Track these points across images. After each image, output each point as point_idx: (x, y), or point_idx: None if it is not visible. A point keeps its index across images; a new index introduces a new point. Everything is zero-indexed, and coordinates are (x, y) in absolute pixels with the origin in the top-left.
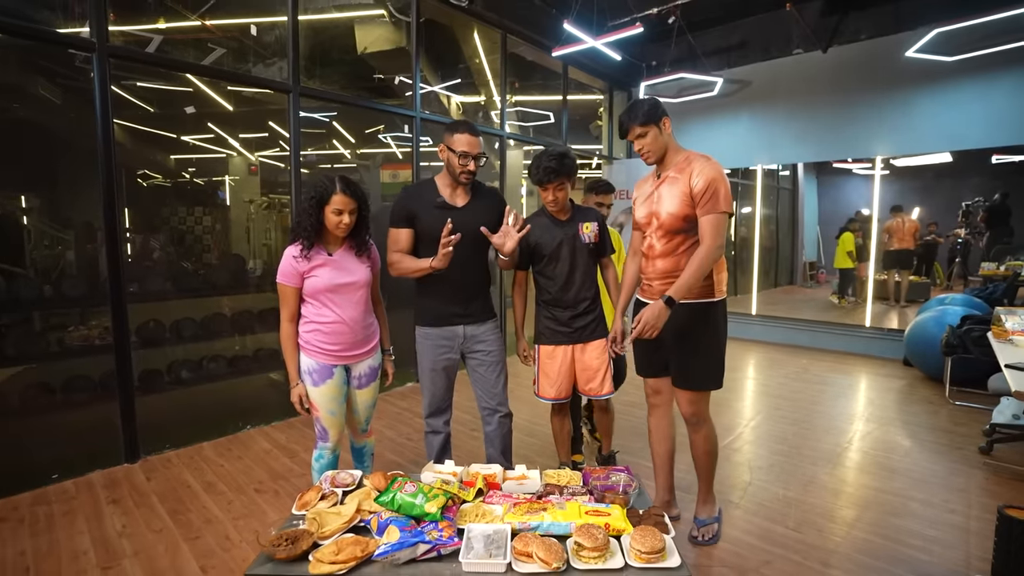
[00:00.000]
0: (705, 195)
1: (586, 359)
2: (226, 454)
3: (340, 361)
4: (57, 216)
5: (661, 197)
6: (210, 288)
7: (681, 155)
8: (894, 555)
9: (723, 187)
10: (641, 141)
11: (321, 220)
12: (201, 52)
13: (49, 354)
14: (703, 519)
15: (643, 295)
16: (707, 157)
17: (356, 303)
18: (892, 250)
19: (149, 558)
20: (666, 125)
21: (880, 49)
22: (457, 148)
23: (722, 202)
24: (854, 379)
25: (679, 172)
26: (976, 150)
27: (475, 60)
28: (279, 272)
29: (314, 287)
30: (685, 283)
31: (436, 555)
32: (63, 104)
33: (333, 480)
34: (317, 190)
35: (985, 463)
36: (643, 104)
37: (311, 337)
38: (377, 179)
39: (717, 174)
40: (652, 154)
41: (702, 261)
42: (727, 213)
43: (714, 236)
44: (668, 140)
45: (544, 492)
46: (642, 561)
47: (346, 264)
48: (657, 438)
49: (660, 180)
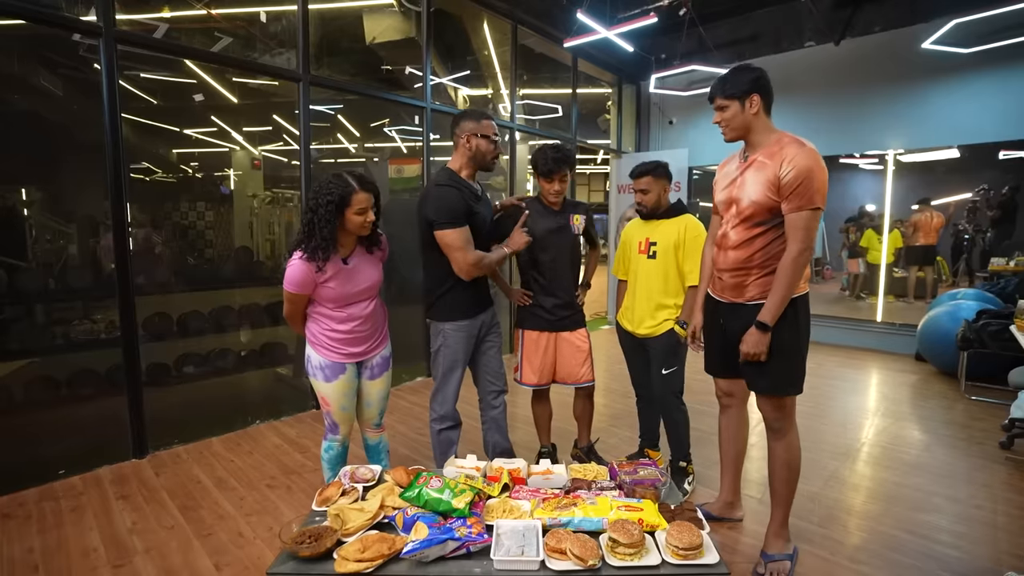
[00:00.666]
0: (795, 187)
1: (569, 347)
2: (235, 449)
3: (353, 359)
4: (61, 210)
5: (745, 183)
6: (217, 281)
7: (773, 137)
8: (923, 551)
9: (818, 179)
10: (720, 114)
11: (338, 226)
12: (209, 41)
13: (55, 348)
14: (773, 554)
15: (712, 289)
16: (802, 142)
17: (369, 303)
18: (918, 245)
19: (161, 555)
20: (753, 103)
21: (895, 41)
22: (490, 133)
23: (816, 196)
24: (866, 374)
25: (768, 157)
26: (983, 145)
27: (484, 52)
28: (288, 279)
29: (328, 296)
30: (778, 300)
31: (465, 552)
32: (66, 95)
33: (353, 475)
34: (334, 194)
35: (1007, 458)
36: (732, 74)
37: (324, 336)
38: (385, 173)
39: (813, 163)
40: (729, 131)
41: (792, 270)
42: (819, 209)
43: (804, 237)
44: (754, 120)
45: (572, 487)
46: (679, 558)
47: (360, 270)
48: (726, 437)
49: (747, 163)
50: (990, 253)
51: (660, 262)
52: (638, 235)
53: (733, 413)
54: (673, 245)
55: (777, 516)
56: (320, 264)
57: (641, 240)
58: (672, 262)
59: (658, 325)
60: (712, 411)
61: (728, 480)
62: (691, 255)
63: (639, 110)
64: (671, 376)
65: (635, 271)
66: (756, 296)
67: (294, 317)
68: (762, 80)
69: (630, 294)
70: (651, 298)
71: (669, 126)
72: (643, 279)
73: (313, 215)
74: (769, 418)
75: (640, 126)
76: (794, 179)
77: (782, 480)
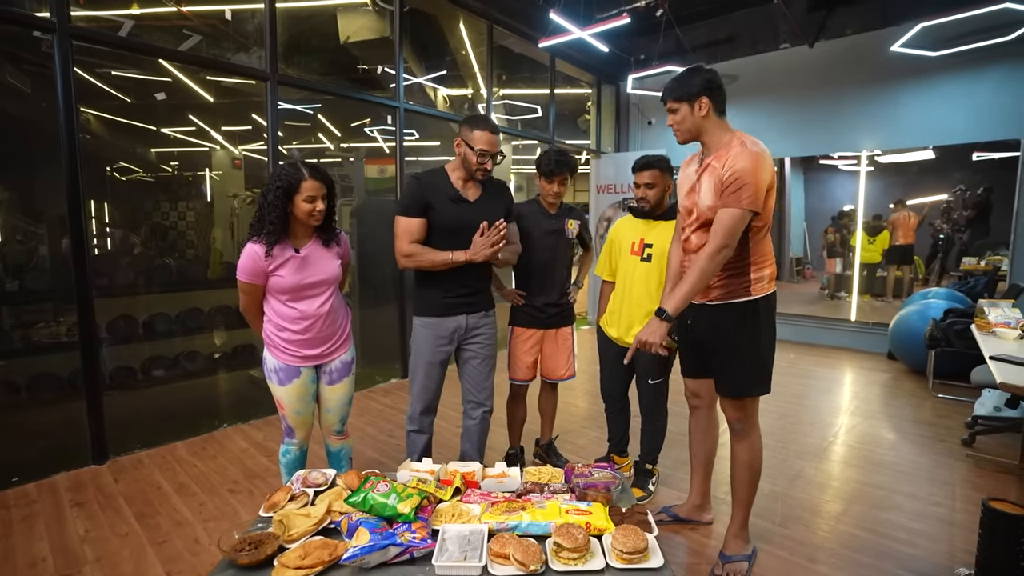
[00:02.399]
0: (729, 185)
1: (555, 344)
2: (200, 453)
3: (308, 363)
4: (30, 209)
5: (701, 188)
6: (187, 283)
7: (725, 139)
8: (879, 549)
9: (753, 180)
10: (672, 117)
11: (288, 212)
12: (176, 39)
13: (14, 351)
14: (731, 555)
15: None
16: (747, 143)
17: (325, 301)
18: (896, 245)
19: (112, 564)
20: (702, 105)
21: (866, 44)
22: (476, 145)
23: (745, 198)
24: (840, 373)
25: (717, 160)
26: (958, 147)
27: (461, 52)
28: (240, 268)
29: (280, 287)
30: (685, 292)
31: (409, 558)
32: (33, 92)
33: (305, 479)
34: (283, 179)
35: (968, 455)
36: (683, 76)
37: (277, 337)
38: (361, 172)
39: (750, 164)
40: (681, 133)
41: (706, 264)
42: (750, 211)
43: (723, 234)
44: (703, 122)
45: (524, 490)
46: (623, 562)
47: (315, 261)
48: (696, 439)
49: (703, 167)
50: (965, 253)
51: (655, 266)
52: (631, 235)
53: (702, 415)
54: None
55: (737, 517)
56: (268, 249)
57: (635, 240)
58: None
59: None
60: (683, 411)
61: (697, 482)
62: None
63: (618, 110)
64: (658, 386)
65: (626, 273)
66: (718, 297)
67: (249, 310)
68: (712, 82)
69: (618, 298)
70: (643, 304)
71: (648, 127)
72: (635, 283)
73: (264, 200)
74: (731, 419)
75: (619, 126)
76: (728, 178)
77: (743, 482)
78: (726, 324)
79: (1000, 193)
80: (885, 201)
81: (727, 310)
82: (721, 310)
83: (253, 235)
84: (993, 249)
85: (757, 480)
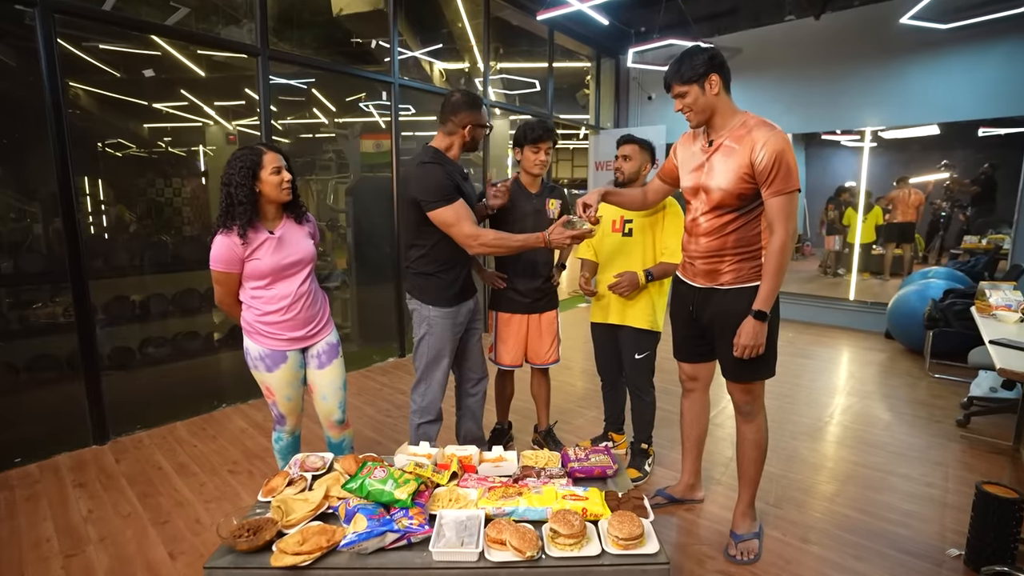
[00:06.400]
0: (773, 172)
1: (539, 330)
2: (200, 434)
3: (294, 345)
4: (24, 187)
5: (713, 169)
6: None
7: (737, 119)
8: (872, 529)
9: (792, 159)
10: (681, 101)
11: (256, 192)
12: (164, 13)
13: (12, 332)
14: (742, 534)
15: (684, 274)
16: (770, 125)
17: (304, 279)
18: (895, 223)
19: (115, 544)
20: (712, 83)
21: (874, 16)
22: (483, 122)
23: (794, 179)
24: (837, 352)
25: (736, 141)
26: (963, 123)
27: (458, 24)
28: (214, 258)
29: (259, 271)
30: (770, 287)
31: (406, 543)
32: (19, 67)
33: (303, 464)
34: (244, 160)
35: (962, 436)
36: (685, 58)
37: (259, 324)
38: (356, 149)
39: (785, 145)
40: (695, 116)
41: (780, 257)
42: (797, 190)
43: (787, 221)
44: (716, 101)
45: (521, 475)
46: (619, 547)
47: (290, 240)
48: (688, 421)
49: (713, 148)
50: (967, 231)
51: (636, 240)
52: (611, 212)
53: (696, 397)
54: (650, 222)
55: (745, 496)
56: (242, 233)
57: (615, 217)
58: (649, 240)
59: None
60: (675, 390)
61: (689, 462)
62: (670, 232)
63: (618, 85)
64: (643, 361)
65: (608, 250)
66: (731, 281)
67: (225, 301)
68: (717, 59)
69: (604, 277)
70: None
71: (648, 102)
72: (617, 259)
73: (228, 187)
74: (739, 402)
75: (619, 101)
76: (770, 162)
77: (751, 461)
78: (739, 309)
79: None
80: (887, 178)
81: (740, 295)
82: (734, 295)
83: (221, 226)
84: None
85: (764, 459)
